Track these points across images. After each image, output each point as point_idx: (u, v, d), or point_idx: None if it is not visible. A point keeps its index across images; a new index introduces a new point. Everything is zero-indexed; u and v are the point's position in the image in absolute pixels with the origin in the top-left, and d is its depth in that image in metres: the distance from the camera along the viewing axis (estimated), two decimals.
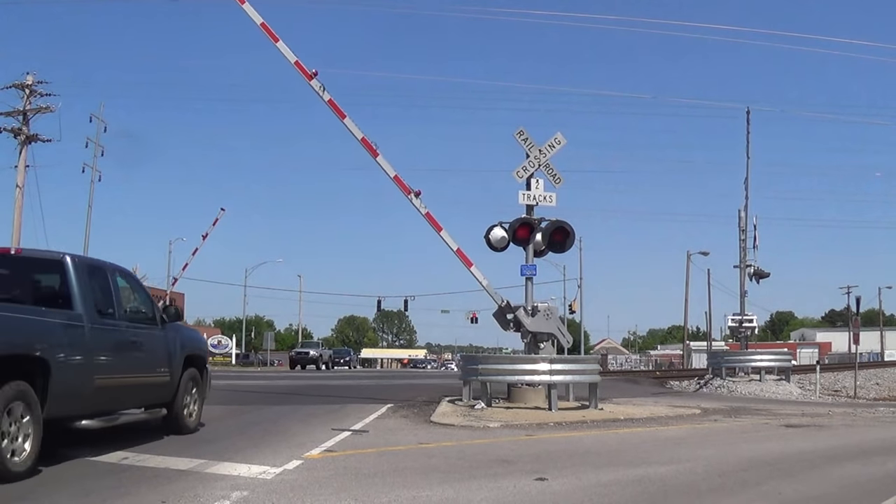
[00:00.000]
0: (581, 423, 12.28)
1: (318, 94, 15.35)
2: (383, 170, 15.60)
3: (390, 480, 6.93)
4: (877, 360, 62.87)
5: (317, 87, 15.34)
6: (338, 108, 15.45)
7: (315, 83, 15.34)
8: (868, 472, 8.27)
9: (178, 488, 6.30)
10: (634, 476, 7.49)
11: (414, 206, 15.52)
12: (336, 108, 15.44)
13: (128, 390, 8.54)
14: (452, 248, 15.63)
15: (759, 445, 10.42)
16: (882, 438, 11.78)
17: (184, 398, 9.61)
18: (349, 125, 15.49)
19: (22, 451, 6.46)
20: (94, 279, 8.20)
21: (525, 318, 15.07)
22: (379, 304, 61.29)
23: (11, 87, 36.30)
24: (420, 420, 12.31)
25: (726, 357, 29.10)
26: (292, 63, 15.45)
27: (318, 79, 15.37)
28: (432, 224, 15.67)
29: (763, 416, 14.92)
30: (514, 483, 6.96)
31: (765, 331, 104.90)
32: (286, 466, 7.40)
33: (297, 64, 15.42)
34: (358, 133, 15.55)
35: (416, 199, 15.47)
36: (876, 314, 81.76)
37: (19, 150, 36.33)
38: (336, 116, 15.43)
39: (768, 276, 29.14)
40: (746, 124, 28.41)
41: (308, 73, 15.37)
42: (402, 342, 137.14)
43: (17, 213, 35.92)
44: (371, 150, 15.51)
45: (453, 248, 15.62)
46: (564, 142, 15.73)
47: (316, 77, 15.38)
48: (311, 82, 15.35)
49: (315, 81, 15.35)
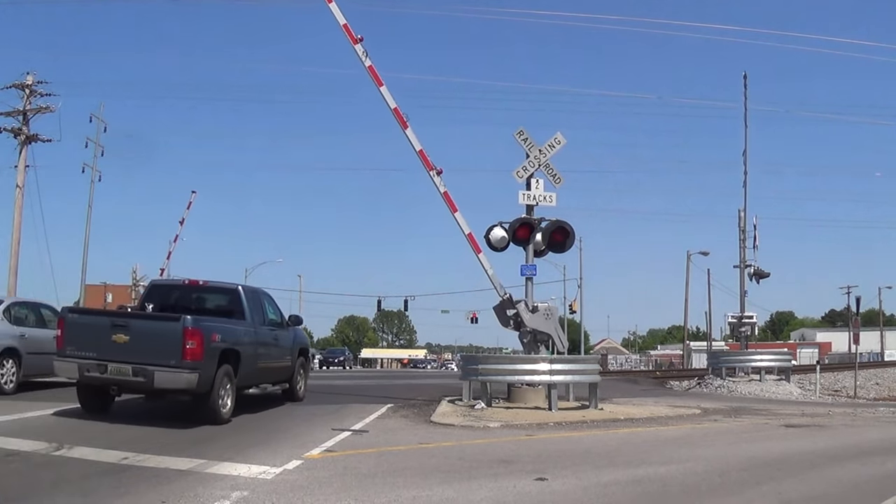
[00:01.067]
0: (581, 423, 12.28)
1: (360, 58, 15.62)
2: (410, 143, 15.77)
3: (390, 480, 6.94)
4: (877, 360, 62.88)
5: (360, 52, 15.63)
6: (376, 76, 15.71)
7: (359, 48, 15.62)
8: (868, 471, 8.27)
9: (178, 488, 6.30)
10: (634, 476, 7.50)
11: (434, 184, 15.69)
12: (375, 75, 15.70)
13: (271, 371, 13.23)
14: (464, 231, 15.72)
15: (759, 445, 10.42)
16: (882, 438, 11.78)
17: (297, 377, 14.42)
18: (384, 93, 15.72)
19: (226, 405, 10.91)
20: (253, 299, 12.65)
21: (525, 312, 15.08)
22: (379, 304, 61.28)
23: (11, 87, 36.31)
24: (420, 420, 12.31)
25: (726, 357, 29.10)
26: (340, 25, 15.77)
27: (362, 44, 15.64)
28: (449, 204, 15.76)
29: (763, 416, 14.92)
30: (515, 483, 6.97)
31: (765, 331, 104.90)
32: (286, 466, 7.41)
33: (345, 27, 15.75)
34: (391, 103, 15.76)
35: (437, 177, 15.64)
36: (876, 314, 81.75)
37: (19, 150, 36.33)
38: (374, 84, 15.71)
39: (768, 276, 29.12)
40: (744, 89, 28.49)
41: (354, 37, 15.66)
42: (402, 342, 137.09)
43: (17, 213, 35.92)
44: (402, 121, 15.72)
45: (465, 232, 15.71)
46: (564, 142, 15.73)
47: (361, 42, 15.64)
48: (356, 46, 15.62)
49: (359, 46, 15.62)
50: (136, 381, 10.23)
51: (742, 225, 28.62)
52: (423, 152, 15.71)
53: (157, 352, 10.14)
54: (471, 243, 15.68)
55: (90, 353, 10.29)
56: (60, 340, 10.58)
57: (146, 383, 10.17)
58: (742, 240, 28.66)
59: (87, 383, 10.74)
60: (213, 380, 10.46)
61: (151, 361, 10.08)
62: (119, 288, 50.16)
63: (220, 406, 10.69)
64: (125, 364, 10.10)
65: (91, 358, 10.25)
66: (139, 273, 41.93)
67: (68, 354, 10.41)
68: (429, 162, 15.67)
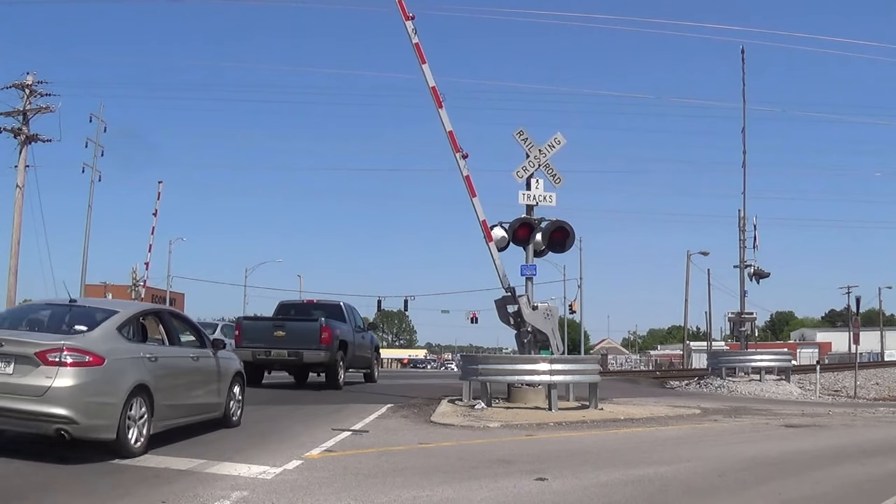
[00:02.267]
0: (581, 423, 12.28)
1: (409, 34, 15.91)
2: (441, 122, 15.91)
3: (390, 480, 6.94)
4: (877, 360, 62.89)
5: (410, 28, 15.91)
6: (421, 53, 15.98)
7: (409, 24, 15.91)
8: (868, 472, 8.27)
9: (178, 488, 6.30)
10: (634, 476, 7.50)
11: (458, 166, 15.83)
12: (420, 52, 15.97)
13: (362, 359, 19.95)
14: (479, 217, 15.76)
15: (759, 445, 10.43)
16: (882, 438, 11.79)
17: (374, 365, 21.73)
18: (426, 71, 15.94)
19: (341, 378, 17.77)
20: (349, 311, 19.62)
21: (526, 307, 15.08)
22: (379, 304, 61.22)
23: (11, 87, 36.31)
24: (420, 420, 12.31)
25: (726, 357, 29.12)
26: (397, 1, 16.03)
27: (413, 22, 15.94)
28: (469, 188, 15.81)
29: (763, 416, 14.92)
30: (515, 483, 6.97)
31: (765, 331, 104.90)
32: (286, 466, 7.40)
33: (399, 2, 15.95)
34: (430, 81, 15.94)
35: (461, 160, 15.76)
36: (876, 314, 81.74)
37: (19, 150, 36.33)
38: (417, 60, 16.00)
39: (768, 276, 29.15)
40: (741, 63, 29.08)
41: (406, 14, 15.94)
42: (402, 342, 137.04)
43: (17, 213, 35.92)
44: (437, 100, 15.94)
45: (480, 219, 15.75)
46: (564, 142, 15.72)
47: (412, 20, 15.95)
48: (406, 23, 15.91)
49: (409, 23, 15.91)
50: (291, 360, 17.15)
51: (742, 224, 28.64)
52: (453, 133, 15.92)
53: (304, 340, 16.94)
54: (484, 231, 15.77)
55: (259, 343, 17.06)
56: (239, 337, 17.36)
57: (297, 360, 17.10)
58: (742, 240, 28.68)
59: (256, 364, 16.88)
60: (335, 358, 17.28)
61: (301, 347, 16.89)
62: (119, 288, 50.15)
63: (339, 377, 17.66)
64: (283, 349, 17.05)
65: (260, 347, 17.02)
66: (139, 274, 41.82)
67: (244, 346, 16.82)
68: (456, 144, 15.87)
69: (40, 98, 36.60)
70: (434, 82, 15.91)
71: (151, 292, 53.81)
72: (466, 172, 15.79)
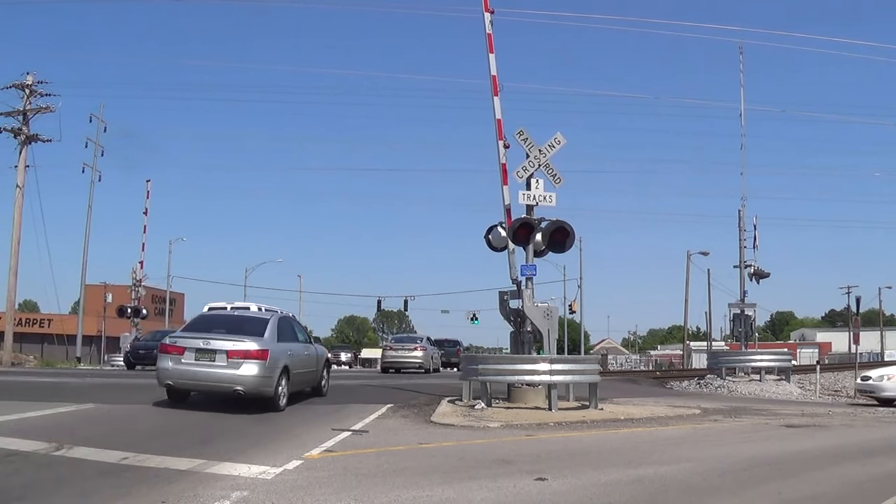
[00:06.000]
0: (581, 423, 12.28)
1: (485, 25, 16.80)
2: (493, 109, 16.47)
3: (390, 480, 6.94)
4: (877, 360, 62.85)
5: (488, 20, 16.81)
6: (491, 44, 16.81)
7: (487, 16, 16.83)
8: (868, 472, 8.27)
9: (178, 488, 6.31)
10: (634, 476, 7.50)
11: (497, 153, 16.30)
12: (491, 42, 16.80)
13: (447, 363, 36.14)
14: (505, 202, 16.10)
15: (758, 445, 10.43)
16: (882, 438, 11.78)
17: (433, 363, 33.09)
18: (491, 60, 16.69)
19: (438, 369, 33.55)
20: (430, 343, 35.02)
21: (529, 300, 15.16)
22: (379, 304, 61.27)
23: (11, 88, 36.31)
24: (420, 420, 12.31)
25: (726, 357, 29.11)
26: None
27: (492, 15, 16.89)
28: (502, 176, 16.20)
29: (763, 416, 14.92)
30: (514, 483, 6.97)
31: (765, 331, 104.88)
32: (286, 466, 7.41)
33: None
34: (493, 69, 16.66)
35: (502, 148, 16.20)
36: (876, 314, 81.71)
37: (19, 151, 36.34)
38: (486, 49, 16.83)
39: (768, 276, 29.19)
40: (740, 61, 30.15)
41: (488, 7, 16.89)
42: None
43: (17, 213, 35.92)
44: (495, 87, 16.62)
45: (504, 203, 16.09)
46: (564, 142, 15.72)
47: (492, 14, 16.90)
48: (486, 14, 16.84)
49: (488, 15, 16.84)
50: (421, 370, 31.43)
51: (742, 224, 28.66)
52: (501, 122, 16.45)
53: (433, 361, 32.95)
54: (506, 218, 16.00)
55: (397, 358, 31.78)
56: None
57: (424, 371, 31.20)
58: (742, 240, 28.70)
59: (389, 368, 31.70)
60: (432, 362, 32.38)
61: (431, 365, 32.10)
62: (119, 288, 50.08)
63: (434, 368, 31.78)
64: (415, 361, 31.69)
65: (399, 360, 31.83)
66: (139, 274, 41.75)
67: None
68: (502, 132, 16.35)
69: (40, 98, 36.64)
70: (495, 71, 16.73)
71: (151, 292, 53.79)
72: (502, 161, 16.24)
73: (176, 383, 12.73)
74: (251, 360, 12.30)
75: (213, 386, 12.62)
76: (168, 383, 12.75)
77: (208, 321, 14.30)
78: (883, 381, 19.01)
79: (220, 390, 12.63)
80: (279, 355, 12.93)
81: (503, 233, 15.76)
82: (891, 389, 18.64)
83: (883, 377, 19.21)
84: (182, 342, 12.70)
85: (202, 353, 12.39)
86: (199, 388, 12.97)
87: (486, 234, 16.30)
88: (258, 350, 12.41)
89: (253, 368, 12.27)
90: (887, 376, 19.17)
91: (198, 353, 12.40)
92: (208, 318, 15.35)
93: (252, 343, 12.46)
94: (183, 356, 12.48)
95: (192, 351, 12.44)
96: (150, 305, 50.90)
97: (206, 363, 12.35)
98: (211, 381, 12.49)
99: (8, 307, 36.33)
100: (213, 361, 12.31)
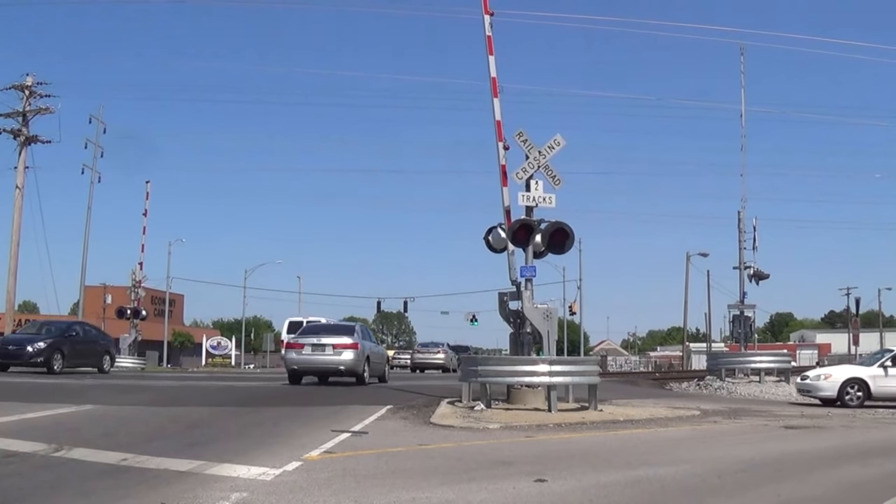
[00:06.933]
0: (580, 425, 12.28)
1: (485, 28, 16.82)
2: (494, 110, 16.52)
3: (390, 482, 6.94)
4: None
5: (487, 22, 16.86)
6: (491, 45, 16.83)
7: (487, 19, 16.89)
8: (867, 473, 8.27)
9: (177, 490, 6.30)
10: (634, 477, 7.50)
11: (497, 154, 16.36)
12: (490, 44, 16.84)
13: None
14: (504, 204, 16.08)
15: (758, 447, 10.43)
16: (882, 439, 11.79)
17: None
18: (491, 62, 16.74)
19: None
20: None
21: (528, 301, 15.14)
22: (379, 305, 61.36)
23: (11, 89, 36.34)
24: (420, 421, 12.31)
25: (726, 358, 29.15)
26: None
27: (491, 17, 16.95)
28: (502, 178, 16.22)
29: (762, 417, 14.92)
30: (514, 484, 6.97)
31: (764, 332, 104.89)
32: (286, 468, 7.40)
33: None
34: (493, 71, 16.72)
35: (502, 150, 16.26)
36: (875, 315, 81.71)
37: (19, 152, 36.37)
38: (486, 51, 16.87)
39: (768, 277, 29.22)
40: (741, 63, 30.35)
41: (488, 10, 16.95)
42: (401, 343, 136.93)
43: (17, 214, 35.94)
44: (495, 89, 16.70)
45: (504, 205, 16.07)
46: (564, 143, 15.72)
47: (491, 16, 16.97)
48: (486, 17, 16.89)
49: (488, 18, 16.89)
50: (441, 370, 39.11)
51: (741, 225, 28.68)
52: (500, 123, 16.52)
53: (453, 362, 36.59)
54: (505, 219, 15.99)
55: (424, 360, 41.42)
56: None
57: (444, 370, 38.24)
58: (741, 241, 28.73)
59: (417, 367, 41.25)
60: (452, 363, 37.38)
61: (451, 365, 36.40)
62: (118, 289, 50.09)
63: None
64: None
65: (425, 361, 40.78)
66: (139, 275, 41.75)
67: None
68: (501, 133, 16.41)
69: (40, 99, 36.69)
70: (495, 73, 16.80)
71: (150, 293, 53.80)
72: (503, 162, 16.26)
73: (300, 367, 19.67)
74: (348, 350, 19.32)
75: (324, 368, 19.56)
76: (294, 368, 19.76)
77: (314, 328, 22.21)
78: (820, 380, 18.94)
79: (328, 371, 19.64)
80: (364, 347, 20.01)
81: (503, 234, 15.76)
82: (828, 389, 18.49)
83: (820, 377, 19.17)
84: (302, 340, 19.86)
85: (316, 346, 19.49)
86: (314, 370, 19.81)
87: (485, 236, 16.29)
88: (352, 342, 19.47)
89: (350, 355, 19.30)
90: (824, 376, 19.13)
91: (313, 347, 19.52)
92: (313, 326, 23.69)
93: (348, 338, 19.62)
94: (303, 350, 19.54)
95: (309, 346, 19.56)
96: (149, 307, 50.93)
97: (318, 353, 19.41)
98: (322, 365, 19.48)
99: (7, 308, 36.35)
100: (324, 352, 19.36)
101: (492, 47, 16.83)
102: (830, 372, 19.48)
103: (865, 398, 18.29)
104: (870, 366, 18.93)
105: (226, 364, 61.55)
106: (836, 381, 18.54)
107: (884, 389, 18.38)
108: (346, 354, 19.15)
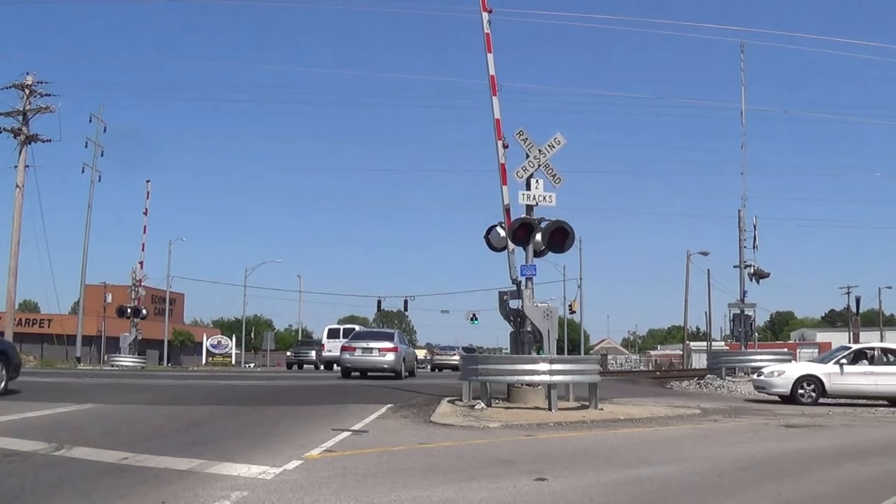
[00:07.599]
0: (581, 424, 12.28)
1: (483, 25, 16.88)
2: (492, 108, 16.54)
3: (390, 480, 6.94)
4: None
5: (486, 19, 16.90)
6: (489, 43, 16.88)
7: (486, 16, 16.91)
8: (868, 472, 8.27)
9: (177, 489, 6.31)
10: (634, 476, 7.50)
11: (496, 153, 16.38)
12: (489, 42, 16.89)
13: None
14: (504, 202, 16.08)
15: (758, 445, 10.42)
16: (882, 438, 11.78)
17: None
18: (490, 60, 16.78)
19: None
20: None
21: (529, 300, 15.14)
22: (379, 305, 61.29)
23: (11, 88, 36.33)
24: (420, 420, 12.31)
25: (726, 357, 29.16)
26: None
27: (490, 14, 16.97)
28: (502, 176, 16.23)
29: (763, 416, 14.92)
30: (514, 483, 6.97)
31: (765, 331, 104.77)
32: (286, 466, 7.41)
33: None
34: (492, 69, 16.74)
35: (501, 148, 16.26)
36: (876, 314, 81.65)
37: (19, 151, 36.37)
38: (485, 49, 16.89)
39: (768, 276, 29.26)
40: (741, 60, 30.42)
41: (486, 6, 16.95)
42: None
43: (17, 213, 35.94)
44: (493, 88, 16.70)
45: (504, 203, 16.08)
46: (564, 142, 15.71)
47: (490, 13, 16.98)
48: (484, 14, 16.90)
49: (486, 15, 16.90)
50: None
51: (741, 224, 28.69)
52: (500, 122, 16.53)
53: None
54: (505, 218, 15.96)
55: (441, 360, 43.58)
56: None
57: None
58: (742, 239, 28.75)
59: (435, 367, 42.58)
60: None
61: None
62: (119, 288, 50.07)
63: None
64: None
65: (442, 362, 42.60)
66: (139, 274, 41.77)
67: None
68: (500, 132, 16.41)
69: (40, 98, 36.68)
70: (494, 71, 16.79)
71: (151, 292, 53.78)
72: (503, 161, 16.25)
73: (352, 366, 25.27)
74: (390, 353, 24.90)
75: (370, 366, 25.08)
76: (347, 366, 25.32)
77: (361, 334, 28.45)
78: (773, 377, 18.84)
79: (374, 368, 25.10)
80: (402, 350, 25.65)
81: (503, 233, 15.76)
82: (781, 386, 18.41)
83: (773, 373, 19.06)
84: (354, 344, 25.66)
85: (365, 349, 25.19)
86: (363, 368, 25.32)
87: (485, 235, 16.29)
88: (393, 347, 25.16)
89: (391, 356, 24.87)
90: (777, 372, 19.03)
91: (362, 350, 25.21)
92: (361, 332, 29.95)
93: (390, 343, 25.40)
94: (355, 352, 25.22)
95: (360, 349, 25.26)
96: (149, 305, 50.91)
97: (367, 355, 25.05)
98: (369, 364, 25.07)
99: (8, 307, 36.36)
100: (371, 354, 24.99)
101: (490, 45, 16.82)
102: (784, 369, 19.30)
103: (819, 396, 18.13)
104: (826, 363, 18.80)
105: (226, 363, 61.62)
106: (789, 377, 18.44)
107: (839, 387, 18.24)
108: (388, 356, 24.82)
